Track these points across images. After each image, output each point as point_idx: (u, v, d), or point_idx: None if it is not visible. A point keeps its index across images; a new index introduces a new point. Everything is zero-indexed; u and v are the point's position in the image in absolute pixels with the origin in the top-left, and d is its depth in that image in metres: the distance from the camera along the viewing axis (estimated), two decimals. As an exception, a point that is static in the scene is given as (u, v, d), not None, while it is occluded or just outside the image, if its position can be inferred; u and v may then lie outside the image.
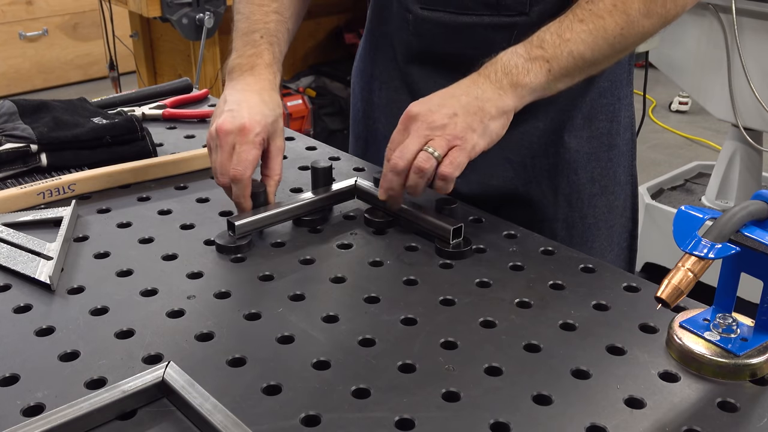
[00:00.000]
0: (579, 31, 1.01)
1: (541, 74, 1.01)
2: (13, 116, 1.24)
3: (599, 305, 0.90)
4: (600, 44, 1.02)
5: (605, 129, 1.22)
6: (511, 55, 1.02)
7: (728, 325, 0.80)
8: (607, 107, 1.22)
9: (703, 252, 0.73)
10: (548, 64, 1.01)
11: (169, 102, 1.50)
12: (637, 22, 1.02)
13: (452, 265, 0.99)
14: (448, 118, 0.98)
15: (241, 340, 0.84)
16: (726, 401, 0.75)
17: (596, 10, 1.02)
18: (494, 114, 0.99)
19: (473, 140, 0.98)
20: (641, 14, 1.02)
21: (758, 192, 0.77)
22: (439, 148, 0.97)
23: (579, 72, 1.04)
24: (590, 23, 1.02)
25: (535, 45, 1.02)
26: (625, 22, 1.02)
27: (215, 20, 3.27)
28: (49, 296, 0.91)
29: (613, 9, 1.01)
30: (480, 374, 0.78)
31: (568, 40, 1.01)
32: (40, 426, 0.68)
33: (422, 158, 0.97)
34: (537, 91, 1.02)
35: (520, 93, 1.01)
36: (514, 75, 1.01)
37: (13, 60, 5.07)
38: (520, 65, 1.01)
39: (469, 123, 0.98)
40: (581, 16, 1.02)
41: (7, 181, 1.19)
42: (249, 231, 1.03)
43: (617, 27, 1.02)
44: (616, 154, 1.24)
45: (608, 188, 1.25)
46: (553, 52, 1.01)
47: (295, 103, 4.08)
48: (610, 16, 1.01)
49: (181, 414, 0.73)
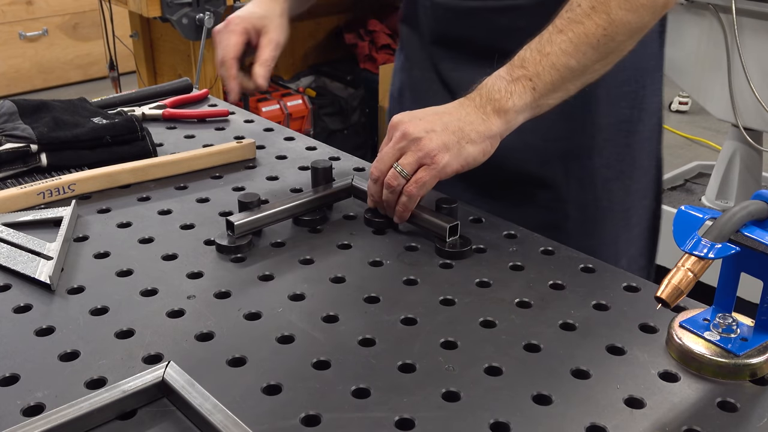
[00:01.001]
0: (559, 42, 1.00)
1: (525, 94, 1.00)
2: (13, 116, 1.24)
3: (599, 305, 0.90)
4: (584, 50, 1.00)
5: (625, 116, 1.21)
6: (495, 79, 1.02)
7: (728, 325, 0.80)
8: (628, 94, 1.21)
9: (703, 252, 0.73)
10: (531, 83, 1.00)
11: (169, 102, 1.50)
12: (620, 18, 1.00)
13: (452, 265, 0.99)
14: (425, 132, 0.99)
15: (241, 340, 0.84)
16: (726, 401, 0.75)
17: (574, 16, 1.01)
18: (473, 138, 0.99)
19: (444, 160, 0.98)
20: (623, 10, 1.00)
21: (758, 192, 0.77)
22: (407, 166, 0.99)
23: (569, 83, 1.02)
24: (569, 32, 1.00)
25: (516, 65, 1.02)
26: (606, 22, 1.00)
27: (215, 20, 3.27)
28: (49, 296, 0.91)
29: (591, 11, 1.00)
30: (480, 374, 0.78)
31: (548, 53, 1.00)
32: (40, 426, 0.68)
33: (391, 176, 1.00)
34: (525, 111, 1.02)
35: (506, 118, 1.01)
36: (497, 100, 1.00)
37: (13, 60, 5.07)
38: (503, 89, 1.00)
39: (445, 141, 0.98)
40: (560, 27, 1.01)
41: (7, 181, 1.19)
42: (248, 230, 1.03)
43: (599, 29, 1.00)
44: (637, 140, 1.24)
45: (625, 173, 1.24)
46: (534, 69, 1.00)
47: (295, 103, 4.08)
48: (589, 20, 1.00)
49: (181, 414, 0.73)
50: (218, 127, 1.43)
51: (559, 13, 1.03)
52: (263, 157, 1.31)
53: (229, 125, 1.45)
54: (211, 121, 1.46)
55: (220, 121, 1.46)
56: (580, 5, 1.01)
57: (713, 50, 2.56)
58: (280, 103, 4.04)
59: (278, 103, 4.05)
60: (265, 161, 1.29)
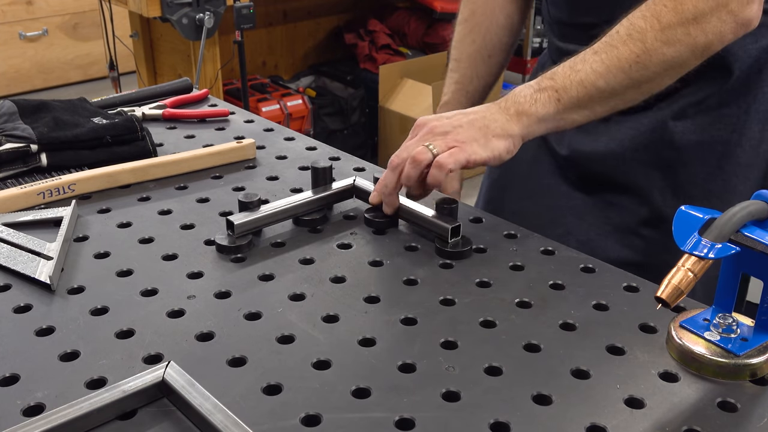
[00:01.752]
0: (592, 61, 1.03)
1: (549, 104, 1.03)
2: (13, 116, 1.24)
3: (599, 305, 0.90)
4: (614, 73, 1.03)
5: (721, 138, 1.21)
6: (523, 87, 1.06)
7: (728, 325, 0.80)
8: (728, 117, 1.20)
9: (703, 252, 0.73)
10: (557, 94, 1.03)
11: (169, 102, 1.50)
12: (656, 50, 1.02)
13: (452, 265, 0.99)
14: (452, 128, 1.03)
15: (241, 340, 0.84)
16: (726, 401, 0.75)
17: (611, 41, 1.04)
18: (498, 133, 1.03)
19: (473, 147, 1.01)
20: (659, 41, 1.01)
21: (758, 192, 0.77)
22: (437, 146, 1.01)
23: (596, 103, 1.05)
24: (603, 53, 1.03)
25: (546, 77, 1.05)
26: (641, 50, 1.02)
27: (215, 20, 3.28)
28: (49, 296, 0.92)
29: (627, 38, 1.02)
30: (480, 374, 0.78)
31: (579, 70, 1.03)
32: (40, 426, 0.68)
33: (418, 150, 1.01)
34: (546, 120, 1.04)
35: (526, 122, 1.04)
36: (521, 104, 1.04)
37: (13, 60, 5.07)
38: (529, 95, 1.04)
39: (472, 134, 1.02)
40: (596, 48, 1.05)
41: (7, 181, 1.19)
42: (248, 230, 1.03)
43: (632, 55, 1.02)
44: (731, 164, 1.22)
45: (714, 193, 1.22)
46: (562, 82, 1.04)
47: (295, 103, 4.08)
48: (625, 46, 1.02)
49: (181, 414, 0.73)
50: (218, 127, 1.43)
51: (600, 37, 1.06)
52: (263, 157, 1.31)
53: (229, 125, 1.45)
54: (211, 121, 1.46)
55: (220, 121, 1.46)
56: (618, 32, 1.04)
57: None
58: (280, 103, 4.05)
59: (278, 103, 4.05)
60: (265, 161, 1.30)
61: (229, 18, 3.44)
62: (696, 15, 1.01)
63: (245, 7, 3.35)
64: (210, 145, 1.32)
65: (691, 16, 1.01)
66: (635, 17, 1.03)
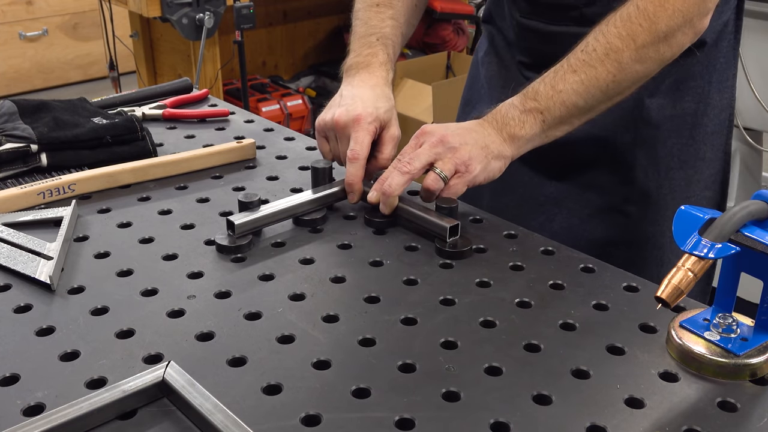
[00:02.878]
0: (572, 81, 1.08)
1: (535, 125, 1.09)
2: (13, 116, 1.24)
3: (599, 305, 0.90)
4: (593, 92, 1.08)
5: (690, 110, 1.27)
6: (509, 107, 1.10)
7: (728, 325, 0.80)
8: (694, 89, 1.26)
9: (703, 252, 0.73)
10: (542, 115, 1.08)
11: (169, 102, 1.50)
12: (630, 68, 1.07)
13: (452, 265, 0.99)
14: (459, 144, 1.06)
15: (241, 340, 0.84)
16: (726, 401, 0.75)
17: (589, 60, 1.08)
18: (496, 154, 1.08)
19: (475, 171, 1.06)
20: (633, 60, 1.07)
21: (758, 192, 0.77)
22: (446, 170, 1.05)
23: (575, 118, 1.10)
24: (582, 73, 1.08)
25: (529, 97, 1.09)
26: (617, 70, 1.07)
27: (215, 20, 3.28)
28: (49, 296, 0.92)
29: (605, 58, 1.07)
30: (480, 374, 0.78)
31: (560, 91, 1.08)
32: (40, 426, 0.68)
33: (431, 179, 1.05)
34: (534, 140, 1.10)
35: (517, 144, 1.09)
36: (512, 127, 1.09)
37: (13, 60, 5.07)
38: (516, 117, 1.09)
39: (476, 154, 1.06)
40: (575, 66, 1.09)
41: (7, 181, 1.19)
42: (248, 230, 1.03)
43: (609, 75, 1.07)
44: (700, 133, 1.29)
45: (688, 163, 1.30)
46: (546, 103, 1.08)
47: (295, 103, 4.08)
48: (602, 66, 1.07)
49: (181, 414, 0.73)
50: (218, 127, 1.43)
51: (574, 51, 1.10)
52: (263, 157, 1.31)
53: (229, 125, 1.45)
54: (211, 121, 1.46)
55: (220, 121, 1.46)
56: (595, 50, 1.08)
57: (713, 50, 2.56)
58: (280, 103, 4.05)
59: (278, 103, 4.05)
60: (265, 161, 1.30)
61: (229, 18, 3.44)
62: (667, 33, 1.07)
63: (245, 7, 3.35)
64: (210, 145, 1.32)
65: (663, 35, 1.07)
66: (612, 35, 1.07)
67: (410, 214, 1.06)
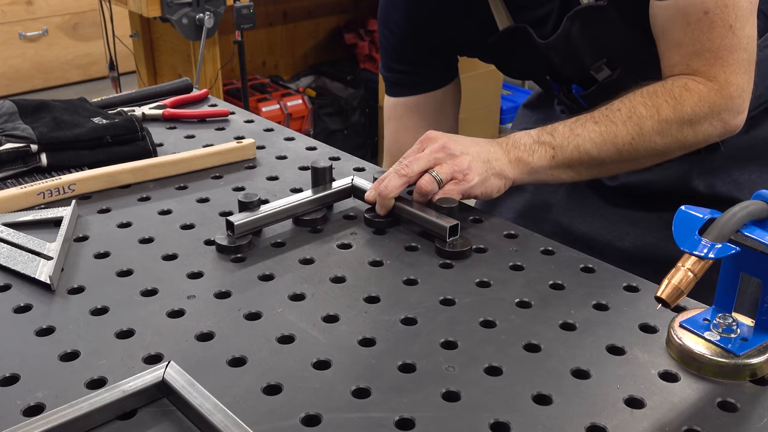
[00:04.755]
0: (591, 130, 1.09)
1: (544, 158, 1.09)
2: (13, 116, 1.24)
3: (599, 305, 0.90)
4: (608, 147, 1.09)
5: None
6: (523, 134, 1.11)
7: (728, 325, 0.80)
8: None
9: (703, 252, 0.73)
10: (553, 151, 1.09)
11: (169, 102, 1.50)
12: (649, 137, 1.09)
13: (452, 265, 0.99)
14: (461, 152, 1.07)
15: (241, 340, 0.84)
16: (726, 401, 0.75)
17: (612, 116, 1.10)
18: (497, 171, 1.08)
19: (473, 181, 1.06)
20: (654, 131, 1.08)
21: (758, 192, 0.77)
22: (443, 174, 1.05)
23: (585, 167, 1.11)
24: (603, 126, 1.09)
25: (546, 131, 1.11)
26: (636, 134, 1.08)
27: (215, 20, 3.27)
28: (49, 296, 0.92)
29: (627, 120, 1.09)
30: (480, 374, 0.78)
31: (578, 135, 1.09)
32: (40, 426, 0.68)
33: (426, 180, 1.05)
34: (539, 173, 1.10)
35: (522, 169, 1.09)
36: (521, 151, 1.09)
37: (13, 60, 5.07)
38: (528, 145, 1.10)
39: (476, 166, 1.06)
40: (597, 118, 1.10)
41: (7, 181, 1.19)
42: (248, 230, 1.03)
43: (628, 136, 1.09)
44: None
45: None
46: (560, 141, 1.09)
47: (295, 103, 4.07)
48: (623, 126, 1.09)
49: (181, 414, 0.73)
50: (218, 127, 1.43)
51: (600, 108, 1.11)
52: (263, 157, 1.31)
53: (229, 125, 1.45)
54: (211, 121, 1.46)
55: (220, 121, 1.46)
56: (620, 110, 1.10)
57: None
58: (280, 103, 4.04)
59: (278, 103, 4.05)
60: (265, 161, 1.30)
61: (229, 18, 3.44)
62: (692, 117, 1.08)
63: (245, 7, 3.35)
64: (210, 145, 1.32)
65: (688, 117, 1.08)
66: (638, 102, 1.09)
67: (410, 214, 1.06)
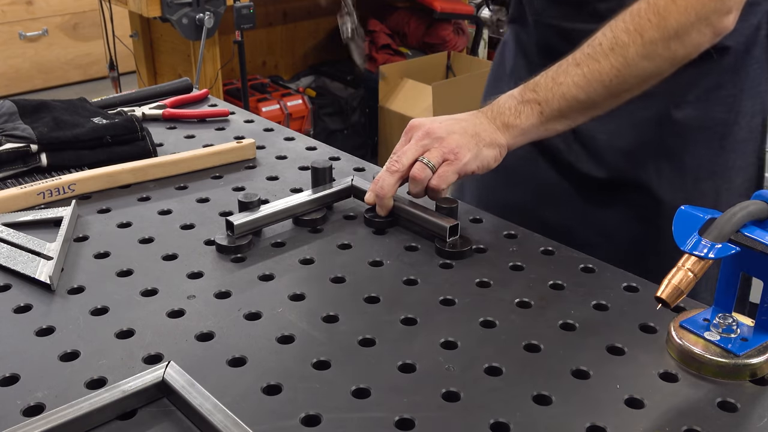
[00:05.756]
0: (573, 74, 1.07)
1: (532, 116, 1.07)
2: (13, 116, 1.24)
3: (599, 305, 0.90)
4: (595, 87, 1.06)
5: (720, 119, 1.25)
6: (507, 97, 1.10)
7: (728, 325, 0.80)
8: (725, 98, 1.24)
9: (703, 252, 0.73)
10: (540, 107, 1.07)
11: (169, 102, 1.50)
12: (636, 63, 1.05)
13: (452, 265, 0.99)
14: (447, 134, 1.05)
15: (241, 340, 0.84)
16: (726, 401, 0.75)
17: (593, 53, 1.07)
18: (488, 142, 1.06)
19: (466, 158, 1.04)
20: (640, 56, 1.04)
21: (758, 192, 0.77)
22: (433, 158, 1.04)
23: (576, 113, 1.08)
24: (585, 67, 1.06)
25: (529, 88, 1.09)
26: (621, 65, 1.05)
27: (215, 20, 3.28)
28: (49, 296, 0.91)
29: (610, 52, 1.05)
30: (480, 374, 0.78)
31: (561, 83, 1.07)
32: (40, 426, 0.68)
33: (418, 168, 1.04)
34: (531, 132, 1.08)
35: (512, 133, 1.08)
36: (507, 116, 1.08)
37: (13, 60, 5.07)
38: (513, 107, 1.08)
39: (465, 142, 1.05)
40: (578, 60, 1.07)
41: (7, 181, 1.19)
42: (248, 230, 1.03)
43: (613, 69, 1.05)
44: (730, 142, 1.27)
45: (717, 173, 1.27)
46: (544, 95, 1.07)
47: (295, 103, 4.07)
48: (606, 60, 1.05)
49: (181, 414, 0.73)
50: (218, 127, 1.43)
51: (581, 47, 1.08)
52: (263, 157, 1.31)
53: (229, 125, 1.45)
54: (211, 121, 1.46)
55: (220, 121, 1.46)
56: (601, 44, 1.06)
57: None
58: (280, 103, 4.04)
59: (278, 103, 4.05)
60: (265, 161, 1.29)
61: (229, 18, 3.44)
62: (678, 30, 1.03)
63: (245, 7, 3.35)
64: (210, 145, 1.32)
65: (674, 31, 1.03)
66: (619, 30, 1.05)
67: (410, 214, 1.06)
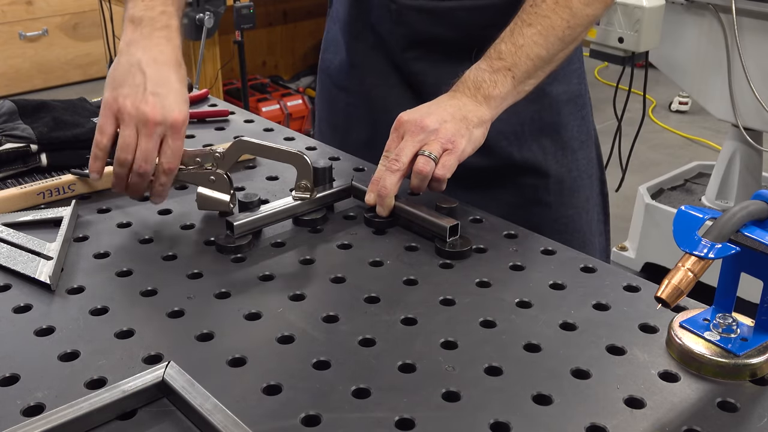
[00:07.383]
0: (530, 34, 1.11)
1: (507, 83, 1.10)
2: (13, 116, 1.24)
3: (599, 305, 0.90)
4: (552, 41, 1.11)
5: (577, 90, 1.34)
6: (477, 71, 1.11)
7: (728, 325, 0.80)
8: (576, 71, 1.34)
9: (703, 252, 0.73)
10: (511, 72, 1.10)
11: (169, 102, 1.50)
12: (581, 12, 1.12)
13: (452, 265, 0.99)
14: (439, 124, 1.06)
15: (241, 340, 0.84)
16: (726, 401, 0.75)
17: (540, 11, 1.12)
18: (476, 122, 1.08)
19: (462, 145, 1.06)
20: (583, 4, 1.12)
21: (758, 192, 0.77)
22: (434, 150, 1.04)
23: (540, 70, 1.13)
24: (538, 25, 1.11)
25: (494, 58, 1.11)
26: (569, 16, 1.11)
27: (215, 20, 3.28)
28: (49, 296, 0.91)
29: (555, 6, 1.11)
30: (480, 374, 0.78)
31: (522, 45, 1.11)
32: (40, 426, 0.68)
33: (422, 162, 1.04)
34: (507, 98, 1.11)
35: (494, 104, 1.10)
36: (485, 89, 1.10)
37: (13, 60, 5.07)
38: (488, 79, 1.10)
39: (458, 128, 1.06)
40: (528, 20, 1.12)
41: (7, 181, 1.19)
42: (248, 230, 1.03)
43: (563, 22, 1.11)
44: (588, 112, 1.37)
45: (585, 142, 1.37)
46: (512, 60, 1.10)
47: (295, 103, 4.08)
48: (555, 14, 1.11)
49: (181, 414, 0.73)
50: (218, 127, 1.43)
51: (524, 8, 1.13)
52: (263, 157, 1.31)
53: (229, 125, 1.45)
54: (211, 121, 1.46)
55: (220, 121, 1.46)
56: (544, 1, 1.11)
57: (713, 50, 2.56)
58: (280, 103, 4.05)
59: (278, 103, 4.05)
60: (265, 161, 1.29)
61: (229, 18, 3.44)
62: None
63: (245, 7, 3.35)
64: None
65: None
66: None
67: (410, 214, 1.06)
